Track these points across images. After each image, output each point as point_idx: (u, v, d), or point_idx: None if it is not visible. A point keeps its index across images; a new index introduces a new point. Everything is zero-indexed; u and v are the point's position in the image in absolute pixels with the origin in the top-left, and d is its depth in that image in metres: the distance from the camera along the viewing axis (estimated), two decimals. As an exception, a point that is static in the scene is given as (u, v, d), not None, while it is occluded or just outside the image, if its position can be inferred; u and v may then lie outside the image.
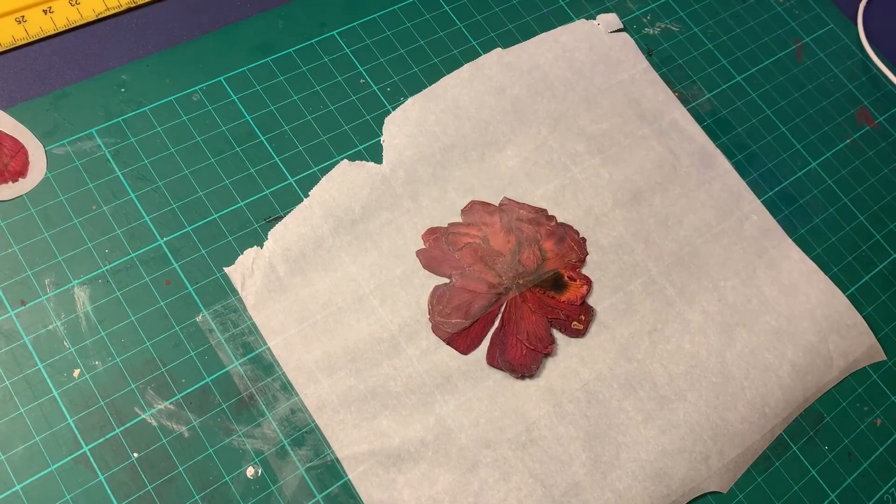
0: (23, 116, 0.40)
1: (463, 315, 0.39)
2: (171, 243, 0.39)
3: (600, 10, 0.51)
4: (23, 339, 0.36)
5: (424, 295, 0.40)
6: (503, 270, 0.41)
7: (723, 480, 0.39)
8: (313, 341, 0.38)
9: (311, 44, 0.46)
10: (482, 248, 0.41)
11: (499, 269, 0.41)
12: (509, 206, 0.43)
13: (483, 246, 0.41)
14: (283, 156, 0.42)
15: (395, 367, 0.38)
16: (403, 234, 0.41)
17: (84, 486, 0.33)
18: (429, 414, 0.37)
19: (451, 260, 0.41)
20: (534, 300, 0.40)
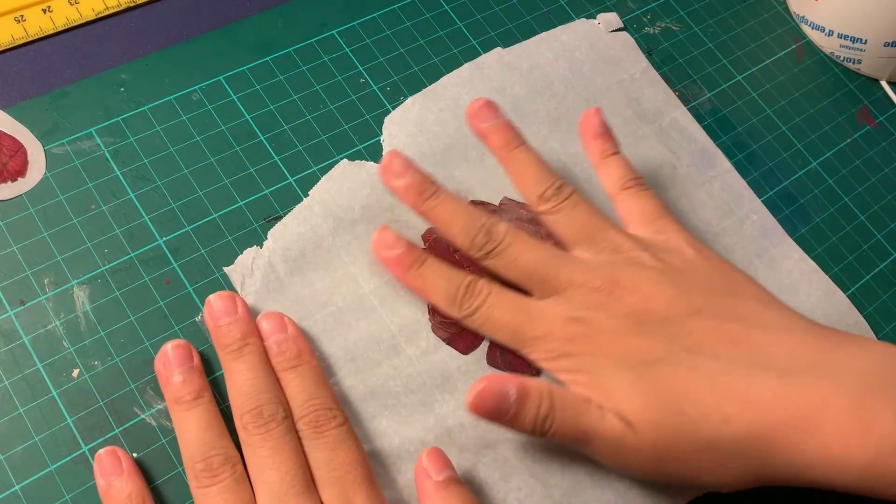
0: (22, 116, 0.40)
1: (463, 315, 0.39)
2: (171, 243, 0.39)
3: (600, 10, 0.51)
4: (22, 339, 0.36)
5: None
6: (503, 270, 0.41)
7: (723, 480, 0.39)
8: (313, 341, 0.38)
9: (310, 43, 0.46)
10: (482, 247, 0.41)
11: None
12: (509, 206, 0.43)
13: (483, 246, 0.41)
14: (282, 155, 0.42)
15: (395, 367, 0.38)
16: (403, 234, 0.41)
17: (83, 487, 0.33)
18: (429, 414, 0.37)
19: (452, 260, 0.41)
20: (534, 300, 0.40)
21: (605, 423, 0.33)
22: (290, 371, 0.35)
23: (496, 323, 0.37)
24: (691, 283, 0.36)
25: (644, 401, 0.33)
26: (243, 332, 0.35)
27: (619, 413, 0.33)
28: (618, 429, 0.33)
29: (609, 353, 0.35)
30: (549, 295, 0.37)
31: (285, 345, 0.35)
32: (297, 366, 0.35)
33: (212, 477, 0.31)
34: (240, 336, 0.35)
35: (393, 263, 0.38)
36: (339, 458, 0.33)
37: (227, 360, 0.35)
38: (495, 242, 0.37)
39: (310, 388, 0.34)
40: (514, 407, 0.33)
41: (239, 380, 0.34)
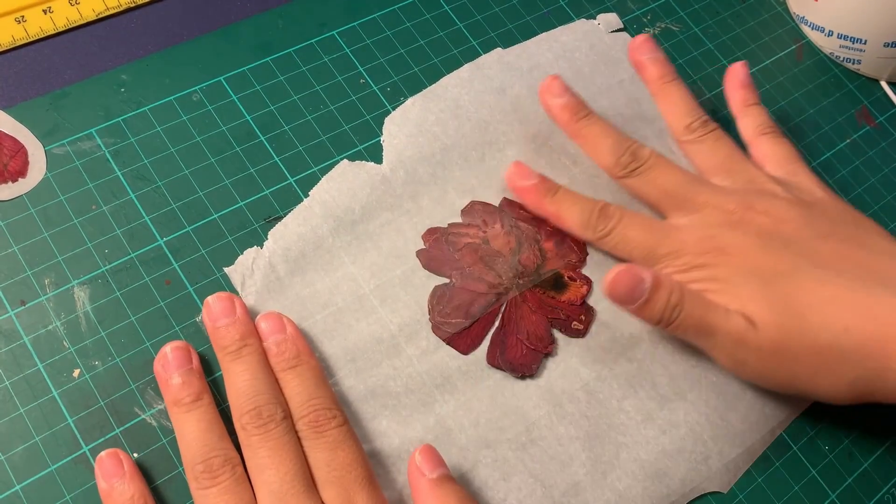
0: (22, 116, 0.40)
1: (463, 315, 0.39)
2: (171, 243, 0.39)
3: (600, 10, 0.51)
4: (22, 339, 0.36)
5: (424, 295, 0.40)
6: (503, 270, 0.41)
7: (723, 480, 0.39)
8: (313, 341, 0.38)
9: (311, 44, 0.46)
10: (482, 248, 0.41)
11: (499, 270, 0.41)
12: (509, 207, 0.43)
13: (483, 246, 0.41)
14: (282, 156, 0.42)
15: (395, 367, 0.38)
16: (403, 234, 0.41)
17: (84, 487, 0.33)
18: (429, 414, 0.37)
19: (452, 260, 0.41)
20: (534, 300, 0.40)
21: (729, 320, 0.36)
22: (290, 371, 0.35)
23: (631, 241, 0.39)
24: (819, 214, 0.39)
25: (769, 304, 0.36)
26: (242, 333, 0.35)
27: (745, 314, 0.36)
28: (742, 326, 0.36)
29: (739, 265, 0.37)
30: (682, 215, 0.40)
31: (284, 345, 0.35)
32: (296, 366, 0.35)
33: (212, 478, 0.31)
34: (238, 337, 0.35)
35: (528, 192, 0.41)
36: (339, 457, 0.33)
37: (225, 362, 0.35)
38: (640, 162, 0.41)
39: (309, 388, 0.34)
40: (647, 293, 0.36)
41: (237, 381, 0.34)
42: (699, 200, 0.40)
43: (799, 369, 0.36)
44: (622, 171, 0.41)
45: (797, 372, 0.36)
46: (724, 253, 0.38)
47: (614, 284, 0.36)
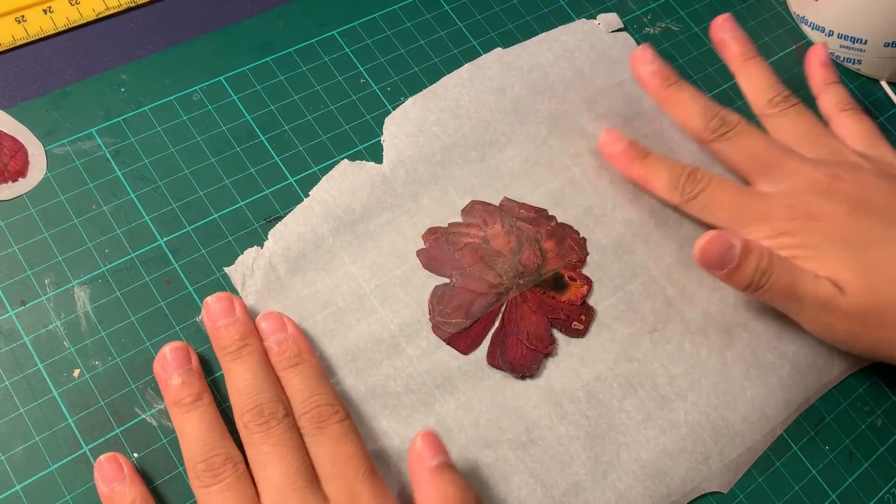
0: (22, 116, 0.40)
1: (463, 315, 0.39)
2: (171, 243, 0.39)
3: (601, 10, 0.51)
4: (23, 339, 0.36)
5: (425, 295, 0.40)
6: (503, 270, 0.41)
7: (723, 480, 0.39)
8: (313, 341, 0.38)
9: (311, 43, 0.46)
10: (482, 248, 0.41)
11: (499, 269, 0.41)
12: (509, 207, 0.43)
13: (483, 246, 0.41)
14: (283, 155, 0.42)
15: (396, 367, 0.38)
16: (404, 234, 0.41)
17: (84, 487, 0.33)
18: (429, 414, 0.37)
19: (452, 260, 0.41)
20: (534, 300, 0.40)
21: (818, 285, 0.37)
22: (291, 370, 0.35)
23: (719, 204, 0.40)
24: None
25: (858, 271, 0.37)
26: (241, 333, 0.35)
27: (834, 279, 0.37)
28: (830, 292, 0.37)
29: (828, 232, 0.38)
30: (770, 182, 0.41)
31: (285, 344, 0.35)
32: (297, 364, 0.35)
33: (213, 476, 0.32)
34: (238, 337, 0.35)
35: (618, 157, 0.42)
36: (342, 452, 0.33)
37: (226, 362, 0.35)
38: (729, 126, 0.42)
39: (311, 385, 0.34)
40: (738, 258, 0.37)
41: (238, 380, 0.34)
42: (787, 168, 0.40)
43: (885, 334, 0.37)
44: (711, 134, 0.42)
45: (883, 337, 0.38)
46: (814, 219, 0.39)
47: (706, 250, 0.37)
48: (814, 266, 0.38)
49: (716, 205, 0.41)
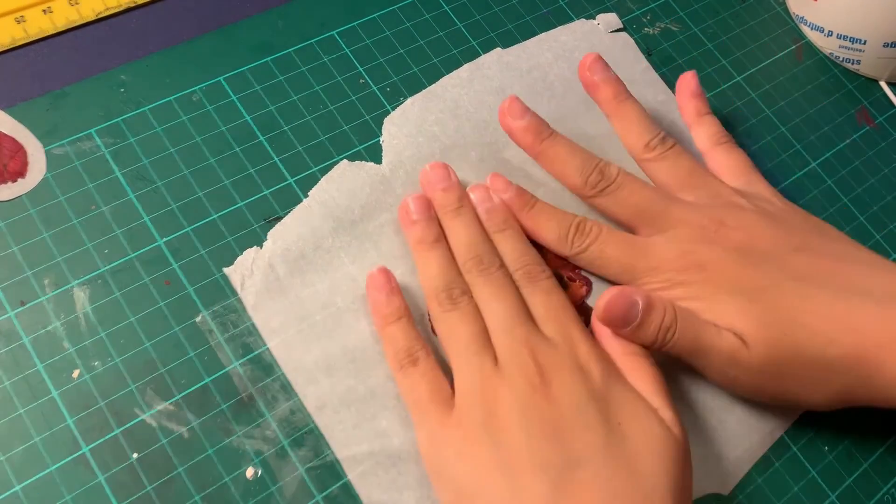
0: (22, 116, 0.40)
1: (463, 315, 0.39)
2: (171, 244, 0.39)
3: (600, 10, 0.51)
4: (22, 340, 0.36)
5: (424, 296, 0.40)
6: (503, 271, 0.41)
7: (723, 482, 0.39)
8: (313, 342, 0.38)
9: (310, 44, 0.46)
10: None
11: (498, 270, 0.41)
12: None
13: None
14: (282, 156, 0.42)
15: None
16: (403, 234, 0.41)
17: (84, 487, 0.33)
18: (428, 414, 0.37)
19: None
20: (533, 300, 0.40)
21: (722, 338, 0.37)
22: (500, 234, 0.39)
23: (608, 259, 0.40)
24: (787, 224, 0.40)
25: (757, 321, 0.36)
26: (459, 195, 0.40)
27: (733, 330, 0.37)
28: (734, 344, 0.36)
29: (721, 281, 0.38)
30: (656, 233, 0.40)
31: (494, 211, 0.40)
32: (505, 229, 0.39)
33: (453, 303, 0.36)
34: (456, 198, 0.40)
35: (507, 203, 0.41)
36: (553, 300, 0.37)
37: (446, 220, 0.39)
38: (608, 181, 0.41)
39: (520, 247, 0.39)
40: (641, 316, 0.36)
41: (460, 232, 0.39)
42: (672, 217, 0.40)
43: (788, 383, 0.37)
44: (591, 190, 0.41)
45: (787, 385, 0.37)
46: (704, 269, 0.38)
47: (608, 310, 0.36)
48: (712, 317, 0.37)
49: (605, 258, 0.39)
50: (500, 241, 0.39)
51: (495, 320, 0.36)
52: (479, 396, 0.34)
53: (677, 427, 0.34)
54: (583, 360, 0.35)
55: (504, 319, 0.36)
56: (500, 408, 0.33)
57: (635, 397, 0.35)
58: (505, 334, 0.35)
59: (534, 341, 0.35)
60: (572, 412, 0.33)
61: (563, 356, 0.35)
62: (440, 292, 0.37)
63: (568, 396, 0.34)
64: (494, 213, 0.40)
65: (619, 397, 0.34)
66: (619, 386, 0.35)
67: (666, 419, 0.34)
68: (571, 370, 0.34)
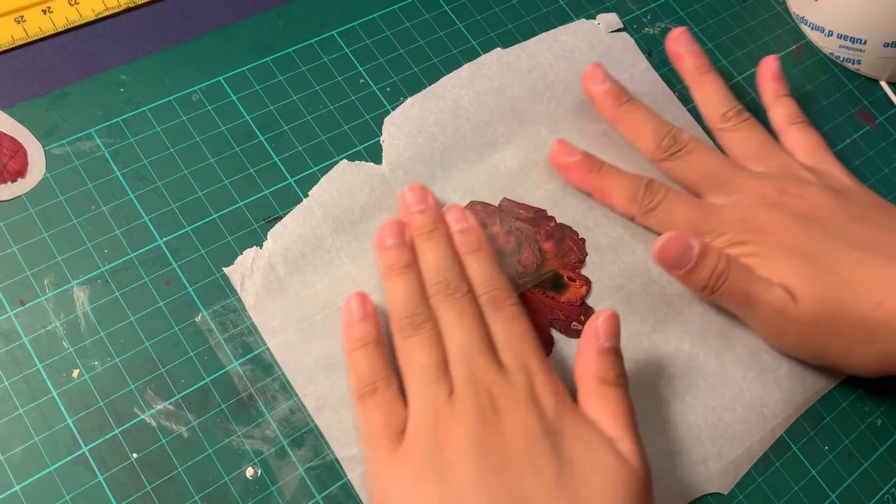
0: (22, 116, 0.40)
1: (462, 315, 0.39)
2: (171, 243, 0.39)
3: (600, 10, 0.51)
4: (22, 340, 0.36)
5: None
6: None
7: (723, 481, 0.39)
8: (313, 341, 0.38)
9: (310, 44, 0.46)
10: (482, 248, 0.41)
11: (498, 270, 0.41)
12: (509, 207, 0.43)
13: (483, 246, 0.41)
14: (282, 156, 0.42)
15: (396, 366, 0.38)
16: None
17: (83, 487, 0.33)
18: (428, 414, 0.37)
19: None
20: (533, 301, 0.40)
21: (772, 292, 0.38)
22: (471, 255, 0.39)
23: (674, 218, 0.41)
24: (850, 200, 0.41)
25: (809, 278, 0.38)
26: (434, 218, 0.39)
27: (785, 286, 0.38)
28: (782, 298, 0.38)
29: (778, 243, 0.39)
30: (721, 197, 0.42)
31: (467, 233, 0.39)
32: (476, 250, 0.39)
33: (415, 330, 0.36)
34: (431, 221, 0.39)
35: (574, 168, 0.43)
36: (515, 329, 0.36)
37: (419, 241, 0.39)
38: (680, 145, 0.43)
39: (489, 270, 0.38)
40: (695, 260, 0.38)
41: (429, 256, 0.38)
42: (737, 183, 0.42)
43: (834, 341, 0.39)
44: (664, 153, 0.43)
45: (832, 343, 0.39)
46: (764, 232, 0.40)
47: (664, 250, 0.39)
48: (766, 273, 0.39)
49: (672, 218, 0.41)
50: (471, 263, 0.38)
51: (455, 347, 0.35)
52: (430, 429, 0.33)
53: (637, 458, 0.33)
54: (538, 392, 0.34)
55: (464, 347, 0.35)
56: (451, 441, 0.33)
57: (590, 431, 0.34)
58: (463, 364, 0.35)
59: (491, 372, 0.34)
60: (524, 447, 0.32)
61: (518, 388, 0.34)
62: (403, 318, 0.36)
63: (520, 431, 0.33)
64: (468, 233, 0.39)
65: (573, 431, 0.33)
66: (574, 419, 0.34)
67: (625, 451, 0.33)
68: (526, 403, 0.34)
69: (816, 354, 0.40)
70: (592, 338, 0.36)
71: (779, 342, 0.41)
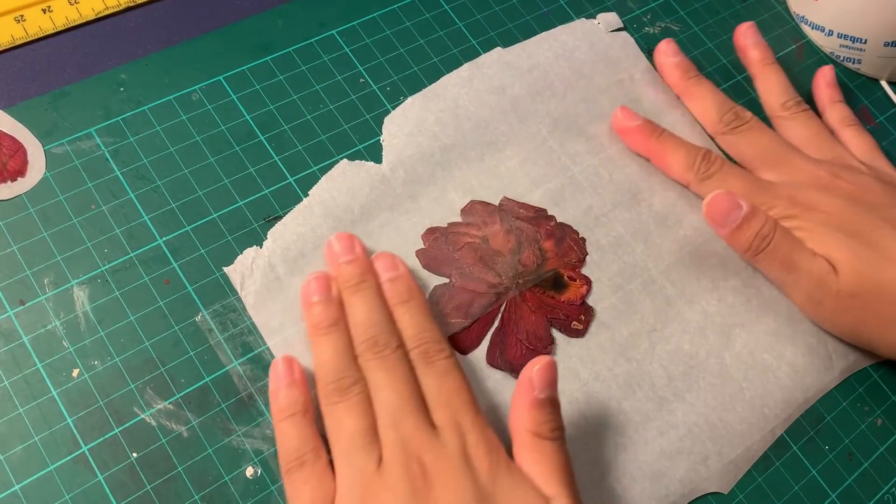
0: (22, 116, 0.40)
1: (463, 315, 0.39)
2: (171, 243, 0.39)
3: (600, 10, 0.51)
4: (22, 339, 0.36)
5: (424, 295, 0.40)
6: (503, 270, 0.41)
7: (723, 481, 0.39)
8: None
9: (310, 43, 0.46)
10: (482, 248, 0.41)
11: (498, 269, 0.41)
12: (509, 206, 0.43)
13: (483, 246, 0.41)
14: (282, 155, 0.42)
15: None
16: (403, 234, 0.41)
17: (83, 486, 0.33)
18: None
19: (451, 260, 0.41)
20: (533, 300, 0.40)
21: (814, 262, 0.40)
22: (402, 306, 0.37)
23: (729, 187, 0.42)
24: None
25: (851, 253, 0.39)
26: (362, 269, 0.38)
27: (828, 258, 0.40)
28: (824, 269, 0.40)
29: (826, 220, 0.41)
30: (775, 175, 0.44)
31: (398, 282, 0.38)
32: (407, 301, 0.37)
33: (341, 395, 0.34)
34: (359, 273, 0.38)
35: (636, 132, 0.45)
36: (447, 384, 0.35)
37: (346, 295, 0.37)
38: (742, 121, 0.45)
39: (420, 321, 0.37)
40: (742, 219, 0.40)
41: (357, 312, 0.37)
42: (792, 163, 0.44)
43: (870, 318, 0.40)
44: (725, 127, 0.45)
45: (867, 320, 0.40)
46: (813, 209, 0.41)
47: (713, 204, 0.40)
48: (811, 245, 0.40)
49: (726, 187, 0.42)
50: (402, 315, 0.37)
51: (384, 411, 0.34)
52: (358, 502, 0.32)
53: None
54: (471, 453, 0.33)
55: (393, 409, 0.34)
56: None
57: (525, 491, 0.32)
58: (392, 428, 0.33)
59: (421, 435, 0.33)
60: None
61: (450, 451, 0.33)
62: (329, 383, 0.35)
63: (452, 498, 0.32)
64: (398, 282, 0.38)
65: (507, 493, 0.32)
66: (510, 481, 0.33)
67: None
68: (457, 467, 0.32)
69: (851, 330, 0.41)
70: (527, 388, 0.34)
71: (815, 313, 0.41)
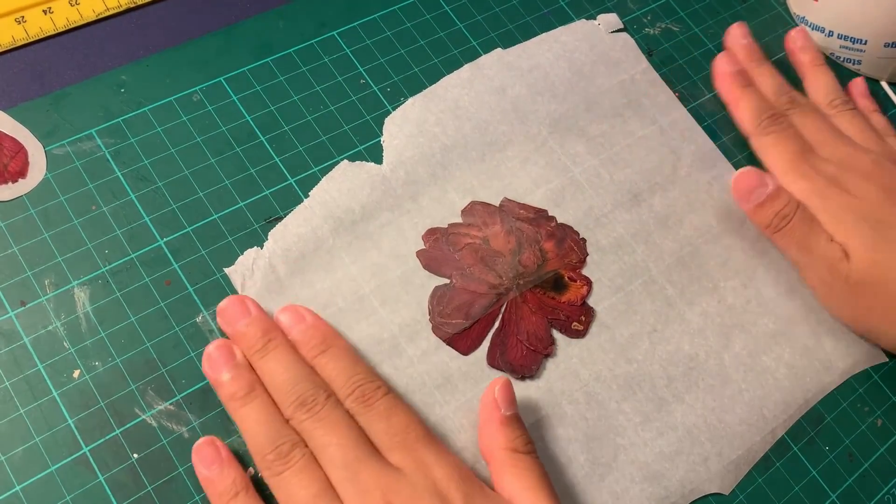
0: (22, 117, 0.40)
1: (463, 316, 0.39)
2: (171, 244, 0.39)
3: (601, 10, 0.51)
4: (23, 340, 0.36)
5: (425, 296, 0.40)
6: (503, 271, 0.41)
7: (723, 482, 0.39)
8: (313, 342, 0.38)
9: (311, 44, 0.46)
10: (482, 248, 0.41)
11: (499, 270, 0.41)
12: (509, 207, 0.43)
13: (483, 246, 0.41)
14: (283, 156, 0.42)
15: (396, 367, 0.38)
16: (404, 234, 0.41)
17: (84, 487, 0.33)
18: (429, 414, 0.37)
19: (452, 260, 0.41)
20: (534, 301, 0.40)
21: (829, 246, 0.41)
22: (321, 357, 0.35)
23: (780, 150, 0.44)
24: None
25: (867, 243, 0.40)
26: (263, 329, 0.35)
27: (844, 245, 0.41)
28: (837, 255, 0.40)
29: (855, 207, 0.41)
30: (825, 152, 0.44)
31: (309, 332, 0.36)
32: (326, 350, 0.35)
33: (284, 463, 0.32)
34: (261, 334, 0.35)
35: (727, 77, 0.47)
36: (395, 423, 0.33)
37: (255, 361, 0.35)
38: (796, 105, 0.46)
39: (346, 366, 0.35)
40: (766, 197, 0.41)
41: (273, 376, 0.34)
42: (841, 147, 0.44)
43: (876, 308, 0.41)
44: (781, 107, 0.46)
45: (874, 310, 0.41)
46: (848, 193, 0.42)
47: (740, 180, 0.42)
48: (831, 230, 0.41)
49: (778, 150, 0.44)
50: (325, 365, 0.35)
51: (335, 469, 0.32)
52: None
53: None
54: (443, 487, 0.32)
55: (344, 466, 0.32)
56: None
57: None
58: (349, 482, 0.31)
59: (383, 481, 0.31)
60: None
61: (419, 489, 0.31)
62: (267, 454, 0.32)
63: None
64: (309, 334, 0.36)
65: None
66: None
67: None
68: None
69: (857, 317, 0.42)
70: (493, 409, 0.34)
71: (826, 297, 0.42)
